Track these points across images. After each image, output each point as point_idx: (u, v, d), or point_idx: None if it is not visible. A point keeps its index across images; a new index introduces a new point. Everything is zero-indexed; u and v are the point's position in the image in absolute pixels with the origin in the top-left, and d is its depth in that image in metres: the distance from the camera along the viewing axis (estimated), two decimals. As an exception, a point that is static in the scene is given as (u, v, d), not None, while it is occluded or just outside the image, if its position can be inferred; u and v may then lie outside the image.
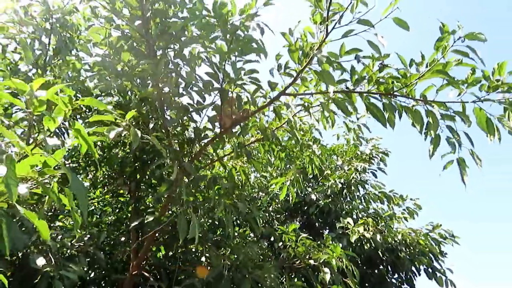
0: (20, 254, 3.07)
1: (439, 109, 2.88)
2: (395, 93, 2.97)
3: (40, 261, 2.77)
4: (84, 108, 4.08)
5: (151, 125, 3.69)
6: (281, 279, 4.68)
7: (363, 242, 6.05)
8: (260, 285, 3.92)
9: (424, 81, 2.88)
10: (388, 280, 6.89)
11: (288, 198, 6.63)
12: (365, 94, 3.04)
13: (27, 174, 1.77)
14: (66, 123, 4.49)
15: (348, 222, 6.28)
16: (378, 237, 6.05)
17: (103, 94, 4.14)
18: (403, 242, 6.50)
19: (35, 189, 1.74)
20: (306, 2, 2.94)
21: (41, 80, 1.75)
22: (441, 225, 7.08)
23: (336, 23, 2.82)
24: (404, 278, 6.90)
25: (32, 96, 1.74)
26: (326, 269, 4.07)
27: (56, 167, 1.73)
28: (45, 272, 2.81)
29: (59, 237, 3.34)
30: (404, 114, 3.02)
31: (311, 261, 4.32)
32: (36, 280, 2.80)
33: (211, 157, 4.63)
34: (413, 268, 6.72)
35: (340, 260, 4.17)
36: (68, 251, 3.39)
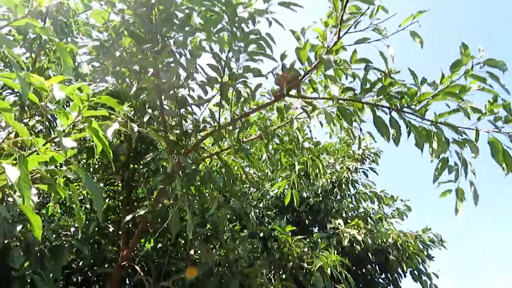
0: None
1: (449, 131, 2.77)
2: (404, 109, 2.87)
3: (19, 260, 2.67)
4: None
5: (146, 118, 3.59)
6: (272, 277, 4.65)
7: (353, 244, 6.05)
8: (249, 283, 3.89)
9: (440, 102, 2.78)
10: (376, 280, 6.95)
11: (281, 197, 6.57)
12: (373, 106, 2.94)
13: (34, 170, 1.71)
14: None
15: (339, 223, 6.28)
16: (369, 239, 6.07)
17: (97, 81, 4.02)
18: (393, 245, 6.52)
19: (40, 184, 1.68)
20: (317, 4, 2.84)
21: (59, 78, 1.67)
22: (430, 228, 7.12)
23: (350, 27, 2.73)
24: (390, 279, 6.95)
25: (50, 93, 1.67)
26: (318, 275, 4.05)
27: (62, 164, 1.68)
28: (23, 270, 2.73)
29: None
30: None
31: (305, 264, 4.30)
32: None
33: (207, 151, 4.56)
34: (400, 270, 6.77)
35: (334, 267, 4.16)
36: (52, 243, 3.26)
